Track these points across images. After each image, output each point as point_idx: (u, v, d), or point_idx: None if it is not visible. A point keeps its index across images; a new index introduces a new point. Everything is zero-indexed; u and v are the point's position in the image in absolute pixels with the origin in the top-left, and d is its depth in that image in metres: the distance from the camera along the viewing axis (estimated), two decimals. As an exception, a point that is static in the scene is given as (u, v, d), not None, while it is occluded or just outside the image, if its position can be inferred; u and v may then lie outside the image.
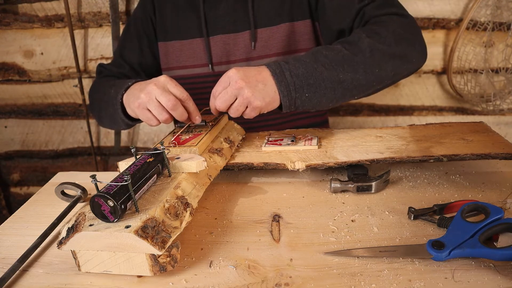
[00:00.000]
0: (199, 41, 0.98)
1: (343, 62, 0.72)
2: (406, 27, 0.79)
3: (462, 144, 0.71)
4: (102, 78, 1.02)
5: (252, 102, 0.69)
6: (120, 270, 0.50)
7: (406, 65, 0.77)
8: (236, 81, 0.69)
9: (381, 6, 0.82)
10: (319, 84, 0.71)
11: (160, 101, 0.71)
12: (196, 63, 1.00)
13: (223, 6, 0.96)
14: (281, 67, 0.71)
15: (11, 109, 1.70)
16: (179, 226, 0.51)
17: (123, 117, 0.83)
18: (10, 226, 0.66)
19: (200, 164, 0.63)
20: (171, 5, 1.00)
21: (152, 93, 0.71)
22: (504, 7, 1.36)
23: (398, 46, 0.75)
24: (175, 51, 1.01)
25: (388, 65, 0.74)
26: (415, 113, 1.60)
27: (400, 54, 0.75)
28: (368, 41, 0.73)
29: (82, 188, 0.69)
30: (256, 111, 0.71)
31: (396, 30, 0.76)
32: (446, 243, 0.49)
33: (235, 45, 0.97)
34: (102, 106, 0.90)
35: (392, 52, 0.74)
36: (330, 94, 0.72)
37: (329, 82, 0.71)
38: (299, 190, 0.70)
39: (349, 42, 0.75)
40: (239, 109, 0.71)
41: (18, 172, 1.83)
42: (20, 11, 1.52)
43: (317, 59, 0.71)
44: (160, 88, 0.71)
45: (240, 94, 0.69)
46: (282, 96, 0.70)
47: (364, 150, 0.72)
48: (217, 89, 0.72)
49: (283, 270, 0.50)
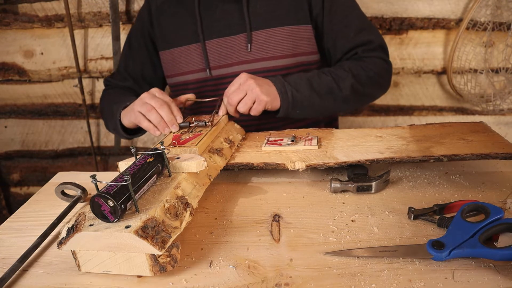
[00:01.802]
0: (196, 46, 0.99)
1: (330, 93, 0.90)
2: (383, 72, 0.98)
3: (462, 144, 0.71)
4: (109, 89, 1.13)
5: (259, 96, 0.82)
6: (120, 270, 0.50)
7: (371, 100, 1.06)
8: (246, 80, 0.83)
9: (372, 50, 0.98)
10: (310, 106, 0.89)
11: (149, 103, 0.82)
12: (194, 68, 1.01)
13: (218, 10, 0.96)
14: (285, 85, 0.86)
15: (11, 109, 1.70)
16: (179, 226, 0.51)
17: (122, 132, 0.97)
18: (10, 226, 0.66)
19: (200, 164, 0.63)
20: (168, 14, 1.02)
21: (143, 99, 0.84)
22: (504, 7, 1.36)
23: (370, 88, 0.96)
24: (175, 58, 1.03)
25: (360, 100, 0.99)
26: (415, 113, 1.60)
27: (371, 93, 1.00)
28: (351, 82, 0.91)
29: (82, 188, 0.69)
30: (262, 105, 0.83)
31: (373, 76, 0.95)
32: (446, 243, 0.49)
33: (231, 48, 0.97)
34: (108, 118, 1.02)
35: (365, 92, 0.95)
36: (313, 114, 0.94)
37: (317, 107, 0.90)
38: (299, 190, 0.70)
39: (338, 76, 0.91)
40: (248, 103, 0.82)
41: (18, 172, 1.83)
42: (20, 11, 1.52)
43: (312, 87, 0.88)
44: (150, 94, 0.84)
45: (249, 90, 0.82)
46: (282, 107, 0.86)
47: (364, 150, 0.72)
48: (230, 89, 0.85)
49: (283, 270, 0.50)
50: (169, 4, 1.02)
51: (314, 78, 0.90)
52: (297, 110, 0.88)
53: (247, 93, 0.82)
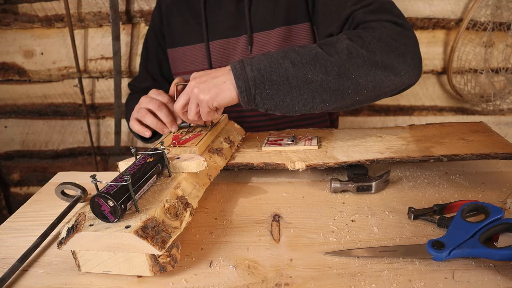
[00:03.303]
0: (201, 47, 1.00)
1: (314, 61, 0.64)
2: (398, 35, 0.70)
3: (462, 144, 0.71)
4: (133, 95, 1.15)
5: (198, 96, 0.67)
6: (120, 270, 0.50)
7: (391, 78, 0.68)
8: (190, 80, 0.69)
9: (374, 11, 0.75)
10: (283, 81, 0.64)
11: (146, 108, 0.81)
12: (198, 68, 1.02)
13: (222, 12, 0.97)
14: (243, 62, 0.66)
15: (11, 109, 1.70)
16: (179, 226, 0.51)
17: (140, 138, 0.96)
18: (10, 226, 0.66)
19: (200, 164, 0.63)
20: (177, 13, 1.03)
21: (140, 104, 0.82)
22: (504, 7, 1.36)
23: (383, 55, 0.67)
24: (180, 57, 1.04)
25: (369, 74, 0.66)
26: (415, 113, 1.60)
27: (385, 63, 0.67)
28: (347, 43, 0.66)
29: (82, 188, 0.69)
30: (204, 105, 0.67)
31: (384, 37, 0.68)
32: (446, 243, 0.49)
33: (233, 50, 0.98)
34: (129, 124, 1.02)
35: (374, 60, 0.66)
36: (295, 95, 0.65)
37: (294, 80, 0.64)
38: (299, 190, 0.70)
39: (326, 43, 0.68)
40: (191, 108, 0.69)
41: (18, 172, 1.83)
42: (20, 11, 1.52)
43: (286, 55, 0.65)
44: (148, 98, 0.82)
45: (191, 92, 0.68)
46: (240, 91, 0.65)
47: (364, 150, 0.72)
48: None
49: (283, 270, 0.50)
50: (177, 4, 1.03)
51: (291, 48, 0.68)
52: (267, 90, 0.64)
53: (190, 96, 0.69)
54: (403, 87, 0.73)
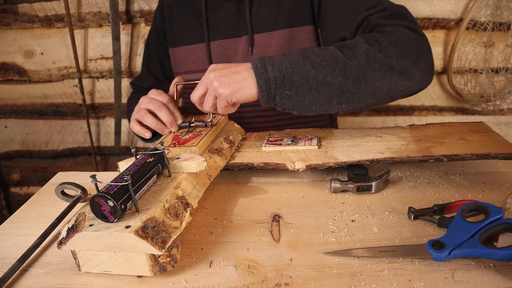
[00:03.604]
0: (202, 46, 1.00)
1: (334, 64, 0.66)
2: (414, 41, 0.71)
3: (462, 144, 0.71)
4: (135, 93, 1.16)
5: (217, 90, 0.67)
6: (120, 270, 0.50)
7: (405, 82, 0.70)
8: (208, 73, 0.69)
9: (389, 16, 0.75)
10: (303, 83, 0.65)
11: (146, 108, 0.81)
12: (199, 68, 1.02)
13: (223, 12, 0.96)
14: (264, 61, 0.67)
15: (11, 109, 1.70)
16: (179, 226, 0.51)
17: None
18: (10, 226, 0.66)
19: (200, 164, 0.63)
20: (178, 12, 1.03)
21: (140, 104, 0.83)
22: (504, 7, 1.36)
23: (399, 60, 0.68)
24: (181, 56, 1.04)
25: (384, 78, 0.67)
26: (415, 113, 1.60)
27: (400, 68, 0.68)
28: (365, 48, 0.67)
29: (82, 188, 0.69)
30: (222, 99, 0.68)
31: (400, 42, 0.69)
32: (446, 243, 0.49)
33: (234, 50, 0.98)
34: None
35: (391, 65, 0.67)
36: (314, 96, 0.66)
37: (314, 83, 0.65)
38: (299, 190, 0.70)
39: (345, 45, 0.69)
40: (208, 99, 0.70)
41: (18, 172, 1.83)
42: (20, 11, 1.52)
43: (307, 57, 0.66)
44: (147, 98, 0.82)
45: (209, 84, 0.69)
46: (260, 91, 0.66)
47: (364, 150, 0.72)
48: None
49: (283, 270, 0.50)
50: (178, 4, 1.03)
51: (310, 49, 0.69)
52: (287, 90, 0.66)
53: (208, 88, 0.69)
54: (415, 90, 0.75)
